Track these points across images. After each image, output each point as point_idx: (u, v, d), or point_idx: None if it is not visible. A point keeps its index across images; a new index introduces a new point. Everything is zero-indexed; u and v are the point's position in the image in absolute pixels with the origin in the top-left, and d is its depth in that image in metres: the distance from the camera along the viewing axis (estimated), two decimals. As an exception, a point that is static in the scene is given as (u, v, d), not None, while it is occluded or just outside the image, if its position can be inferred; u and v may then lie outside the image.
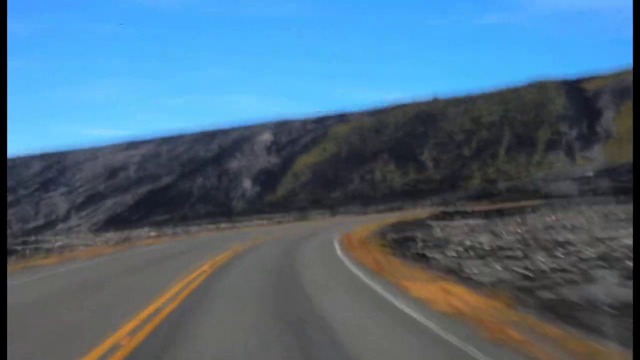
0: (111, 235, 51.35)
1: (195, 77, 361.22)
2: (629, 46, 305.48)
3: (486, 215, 48.91)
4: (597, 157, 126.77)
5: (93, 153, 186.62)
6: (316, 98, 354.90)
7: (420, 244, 26.70)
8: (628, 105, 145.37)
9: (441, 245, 25.58)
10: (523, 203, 69.26)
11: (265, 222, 72.45)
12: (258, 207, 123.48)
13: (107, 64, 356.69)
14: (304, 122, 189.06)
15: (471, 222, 41.76)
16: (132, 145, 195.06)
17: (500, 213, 49.52)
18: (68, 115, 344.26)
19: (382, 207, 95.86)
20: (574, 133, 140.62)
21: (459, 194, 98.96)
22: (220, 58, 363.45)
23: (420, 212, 73.67)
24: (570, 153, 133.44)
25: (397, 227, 41.75)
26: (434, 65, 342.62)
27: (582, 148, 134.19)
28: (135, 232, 53.30)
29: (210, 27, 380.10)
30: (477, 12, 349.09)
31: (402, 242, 28.25)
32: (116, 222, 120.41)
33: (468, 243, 25.41)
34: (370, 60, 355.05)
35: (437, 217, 50.61)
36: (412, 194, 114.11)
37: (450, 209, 66.22)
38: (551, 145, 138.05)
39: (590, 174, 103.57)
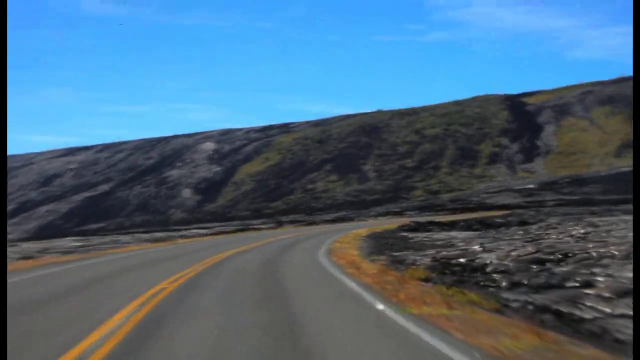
0: (28, 245, 47.95)
1: (141, 86, 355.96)
2: (569, 66, 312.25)
3: (469, 226, 43.57)
4: (537, 171, 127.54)
5: (28, 160, 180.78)
6: (261, 110, 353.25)
7: (497, 277, 14.22)
8: (568, 121, 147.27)
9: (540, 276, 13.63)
10: (490, 213, 64.80)
11: (205, 231, 69.08)
12: (198, 217, 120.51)
13: (49, 71, 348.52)
14: (248, 132, 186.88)
15: (463, 234, 35.26)
16: (70, 152, 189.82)
17: (485, 224, 43.66)
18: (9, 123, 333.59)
19: (328, 217, 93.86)
20: (515, 147, 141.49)
21: (402, 205, 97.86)
22: (166, 68, 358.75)
23: (381, 222, 67.33)
24: (511, 166, 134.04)
25: (382, 241, 32.64)
26: (380, 80, 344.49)
27: (523, 161, 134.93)
28: (58, 242, 49.84)
29: (157, 38, 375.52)
30: (425, 31, 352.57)
31: (452, 270, 16.62)
32: (48, 230, 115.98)
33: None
34: (317, 74, 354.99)
35: (411, 229, 44.68)
36: (355, 204, 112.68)
37: (421, 219, 60.18)
38: (493, 159, 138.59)
39: (532, 186, 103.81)
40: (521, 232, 31.74)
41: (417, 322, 9.12)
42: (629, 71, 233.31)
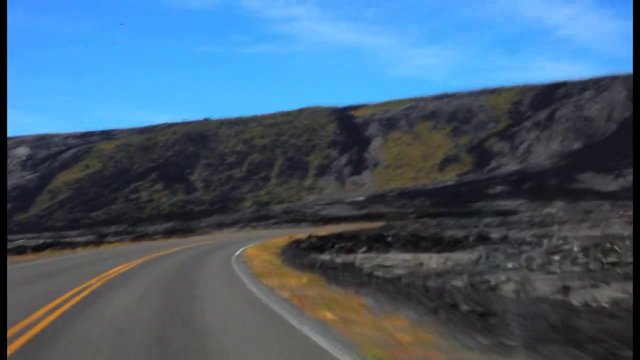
0: None
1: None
2: (390, 82, 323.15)
3: (409, 244, 34.30)
4: (366, 183, 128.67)
5: None
6: (81, 116, 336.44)
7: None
8: (394, 135, 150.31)
9: None
10: (359, 226, 58.28)
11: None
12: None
13: None
14: (66, 138, 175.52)
15: (430, 256, 26.90)
16: None
17: (436, 241, 35.12)
18: None
19: (159, 227, 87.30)
20: (344, 159, 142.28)
21: (233, 217, 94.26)
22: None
23: (239, 237, 55.58)
24: (340, 178, 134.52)
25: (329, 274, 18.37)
26: (207, 90, 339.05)
27: (351, 174, 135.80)
28: None
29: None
30: (251, 42, 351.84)
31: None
32: None
33: None
34: (140, 82, 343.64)
35: (317, 248, 33.89)
36: (181, 215, 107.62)
37: (320, 232, 46.90)
38: (322, 170, 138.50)
39: (361, 199, 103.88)
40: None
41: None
42: (444, 89, 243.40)
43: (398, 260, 25.81)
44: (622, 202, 59.14)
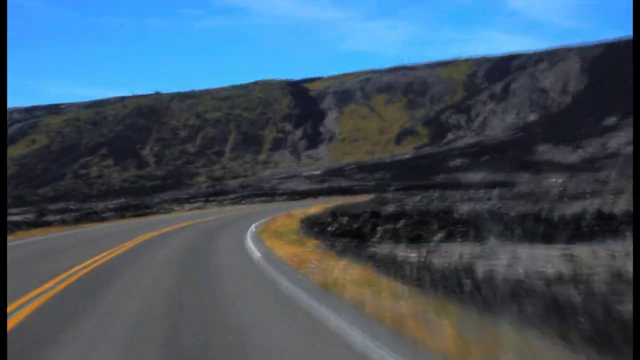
0: None
1: None
2: (344, 56, 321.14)
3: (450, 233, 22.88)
4: (322, 157, 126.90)
5: None
6: (28, 93, 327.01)
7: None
8: (350, 108, 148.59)
9: None
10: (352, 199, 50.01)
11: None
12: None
13: None
14: (11, 112, 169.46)
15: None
16: None
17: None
18: None
19: (110, 204, 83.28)
20: (299, 133, 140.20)
21: (189, 192, 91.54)
22: None
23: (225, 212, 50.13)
24: (295, 152, 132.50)
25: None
26: (158, 65, 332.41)
27: (306, 147, 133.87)
28: None
29: None
30: (203, 16, 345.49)
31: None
32: None
33: None
34: (88, 56, 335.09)
35: (353, 234, 24.40)
36: (133, 191, 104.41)
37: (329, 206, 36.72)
38: (277, 144, 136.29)
39: (318, 172, 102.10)
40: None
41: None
42: (398, 62, 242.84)
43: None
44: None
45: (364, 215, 27.23)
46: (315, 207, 43.74)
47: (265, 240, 21.35)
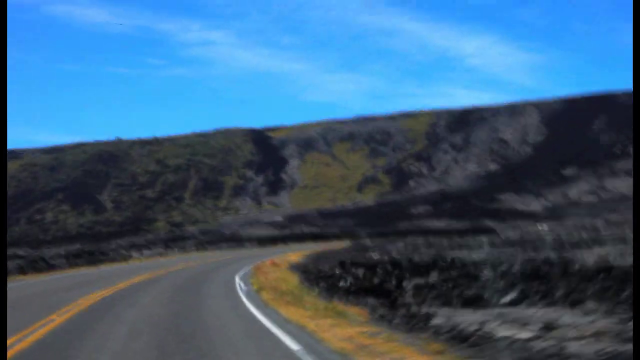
0: None
1: None
2: (307, 106, 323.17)
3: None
4: (284, 204, 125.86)
5: None
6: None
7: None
8: (312, 155, 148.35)
9: None
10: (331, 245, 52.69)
11: None
12: None
13: None
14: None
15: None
16: None
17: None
18: None
19: (63, 250, 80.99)
20: (260, 179, 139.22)
21: (147, 238, 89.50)
22: None
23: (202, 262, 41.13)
24: (256, 199, 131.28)
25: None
26: (119, 112, 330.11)
27: (268, 194, 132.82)
28: None
29: None
30: (166, 66, 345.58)
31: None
32: None
33: None
34: (49, 103, 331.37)
35: (372, 291, 19.30)
36: (89, 237, 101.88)
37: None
38: (238, 191, 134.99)
39: (280, 219, 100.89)
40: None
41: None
42: (362, 112, 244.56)
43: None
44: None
45: (384, 267, 21.54)
46: (294, 254, 40.49)
47: (280, 309, 13.95)
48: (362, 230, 71.04)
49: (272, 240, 65.69)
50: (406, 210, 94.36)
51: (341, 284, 19.97)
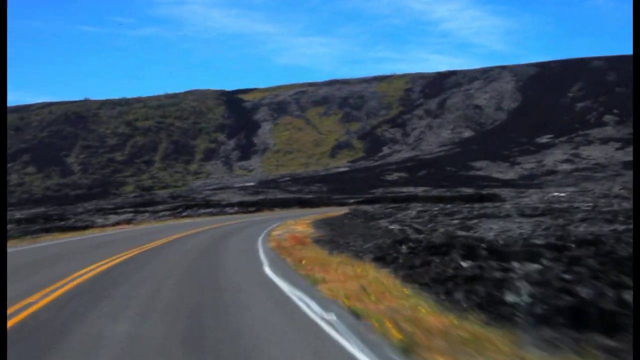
0: None
1: None
2: (278, 69, 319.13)
3: None
4: (255, 168, 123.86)
5: None
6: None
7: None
8: (285, 119, 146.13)
9: None
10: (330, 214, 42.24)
11: None
12: None
13: None
14: None
15: None
16: None
17: None
18: None
19: (25, 213, 77.96)
20: (232, 143, 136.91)
21: (115, 202, 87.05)
22: None
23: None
24: (228, 163, 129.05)
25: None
26: (88, 71, 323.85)
27: (240, 159, 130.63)
28: None
29: None
30: (136, 25, 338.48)
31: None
32: None
33: None
34: (17, 63, 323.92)
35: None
36: (56, 199, 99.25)
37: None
38: (209, 155, 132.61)
39: (251, 184, 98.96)
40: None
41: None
42: (333, 77, 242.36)
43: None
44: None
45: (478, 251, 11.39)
46: (298, 224, 32.37)
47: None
48: (337, 196, 69.53)
49: (253, 206, 61.02)
50: (380, 177, 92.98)
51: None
